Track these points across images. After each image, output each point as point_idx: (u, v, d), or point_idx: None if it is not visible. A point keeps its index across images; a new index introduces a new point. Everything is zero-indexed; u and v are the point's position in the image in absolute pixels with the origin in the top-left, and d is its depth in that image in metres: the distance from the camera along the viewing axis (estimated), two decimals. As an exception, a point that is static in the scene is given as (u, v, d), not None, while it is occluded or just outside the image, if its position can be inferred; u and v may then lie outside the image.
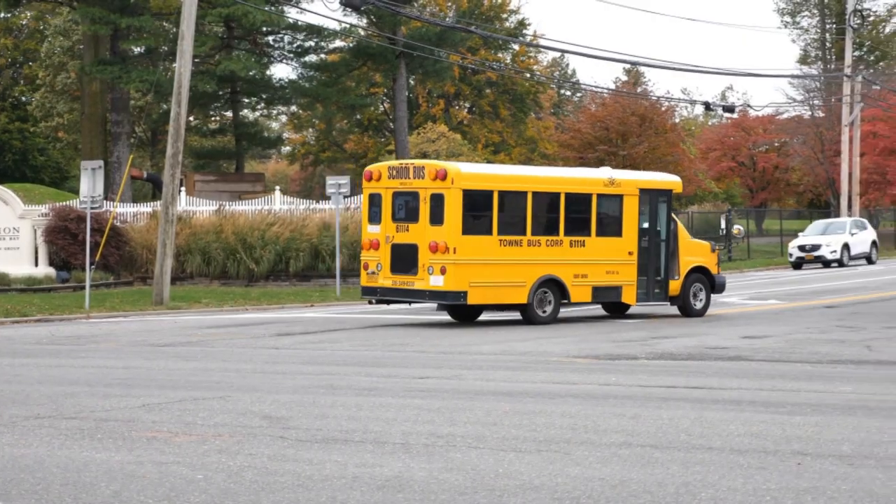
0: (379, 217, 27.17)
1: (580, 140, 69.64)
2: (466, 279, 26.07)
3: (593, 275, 27.82)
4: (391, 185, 27.01)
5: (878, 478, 10.34)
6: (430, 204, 26.19)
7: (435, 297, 26.54)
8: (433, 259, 26.03)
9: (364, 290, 27.79)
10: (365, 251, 27.59)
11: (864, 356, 20.85)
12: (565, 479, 10.39)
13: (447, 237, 25.95)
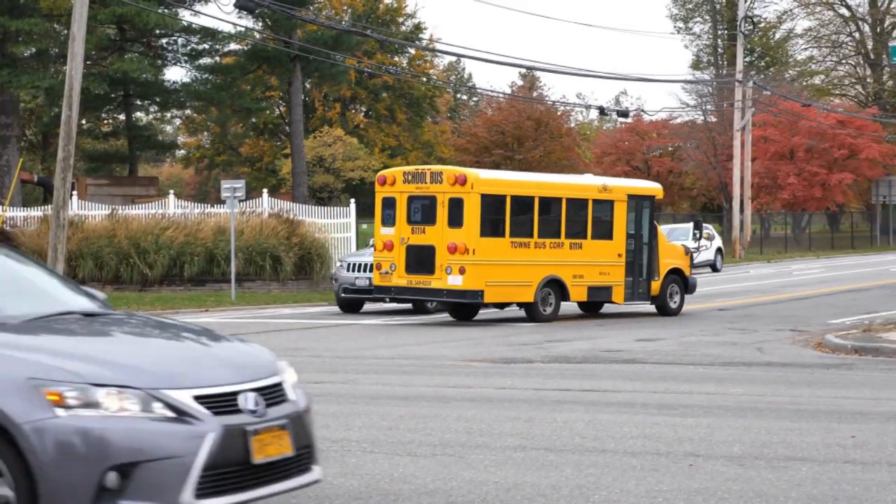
0: (393, 219, 28.47)
1: (476, 144, 69.93)
2: (483, 279, 27.48)
3: (588, 275, 29.46)
4: (406, 189, 28.34)
5: (768, 478, 10.47)
6: (448, 207, 27.55)
7: (453, 295, 27.85)
8: (451, 259, 27.38)
9: (377, 290, 29.17)
10: (378, 252, 28.85)
11: (756, 358, 21.12)
12: (460, 482, 10.39)
13: (466, 239, 27.35)
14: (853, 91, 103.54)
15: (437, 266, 27.63)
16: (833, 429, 12.94)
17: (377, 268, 28.76)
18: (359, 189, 75.13)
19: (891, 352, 21.60)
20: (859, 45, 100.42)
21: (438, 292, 28.06)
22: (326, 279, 38.69)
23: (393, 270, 28.33)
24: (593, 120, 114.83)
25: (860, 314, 30.32)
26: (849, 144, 76.83)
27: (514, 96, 74.59)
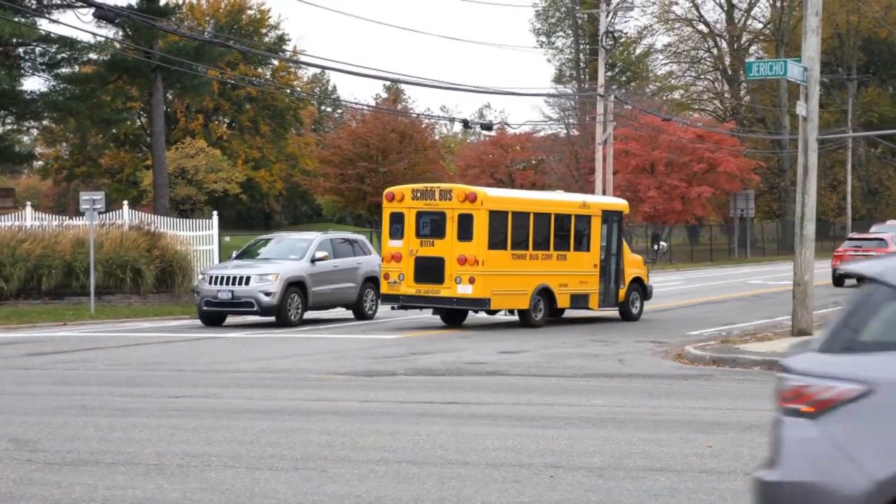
0: (401, 233, 30.52)
1: (340, 156, 69.79)
2: (490, 288, 29.67)
3: (571, 284, 31.75)
4: (415, 205, 30.38)
5: (627, 488, 10.58)
6: (457, 222, 29.71)
7: (462, 303, 30.06)
8: (461, 270, 29.55)
9: (385, 298, 31.28)
10: (386, 263, 30.83)
11: (616, 370, 21.36)
12: (322, 496, 10.33)
13: (476, 251, 29.55)
14: (712, 106, 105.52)
15: (446, 276, 29.77)
16: (691, 439, 13.13)
17: (385, 277, 30.76)
18: (221, 201, 74.55)
19: (748, 363, 22.02)
20: (717, 61, 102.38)
21: (448, 300, 30.06)
22: (188, 292, 38.25)
23: (401, 280, 30.33)
24: (457, 133, 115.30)
25: (718, 326, 30.86)
26: (707, 158, 78.16)
27: (378, 109, 74.60)
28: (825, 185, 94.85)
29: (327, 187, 72.72)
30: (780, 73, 26.89)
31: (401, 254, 30.46)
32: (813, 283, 27.15)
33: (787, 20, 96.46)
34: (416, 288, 30.24)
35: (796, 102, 27.34)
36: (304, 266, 31.95)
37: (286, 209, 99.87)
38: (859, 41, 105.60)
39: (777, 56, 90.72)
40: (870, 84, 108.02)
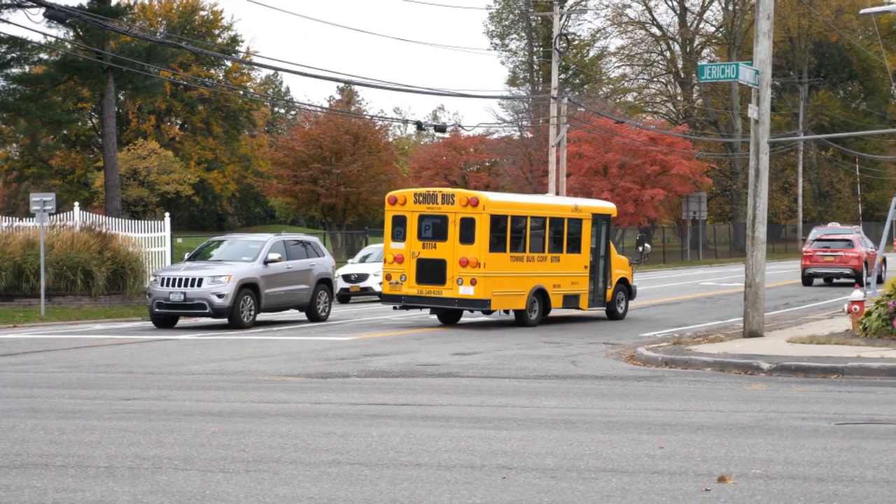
0: (403, 235, 31.33)
1: (294, 158, 69.62)
2: (491, 289, 30.61)
3: (564, 285, 32.80)
4: (417, 208, 31.24)
5: (579, 489, 10.60)
6: (459, 226, 30.65)
7: (464, 304, 30.88)
8: (463, 272, 30.48)
9: (386, 298, 31.95)
10: (388, 264, 31.58)
11: (569, 371, 21.41)
12: (274, 498, 10.29)
13: (477, 254, 30.48)
14: (664, 108, 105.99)
15: (448, 277, 30.70)
16: (643, 440, 13.17)
17: (387, 278, 31.56)
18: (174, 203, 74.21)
19: (700, 364, 22.12)
20: (670, 64, 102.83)
21: (450, 301, 30.88)
22: (140, 294, 38.06)
23: (403, 281, 31.16)
24: (411, 135, 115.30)
25: (671, 327, 31.00)
26: (660, 161, 78.48)
27: (331, 110, 74.48)
28: (777, 188, 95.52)
29: (280, 189, 72.53)
30: (732, 76, 27.02)
31: (403, 255, 31.32)
32: (764, 284, 27.31)
33: (739, 24, 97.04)
34: (417, 289, 31.08)
35: (748, 105, 27.50)
36: (257, 268, 31.86)
37: (239, 211, 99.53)
38: (810, 45, 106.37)
39: (729, 59, 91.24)
40: (821, 87, 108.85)
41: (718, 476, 11.08)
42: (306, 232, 58.76)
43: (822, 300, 41.52)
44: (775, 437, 13.36)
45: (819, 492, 10.51)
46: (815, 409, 16.10)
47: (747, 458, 12.03)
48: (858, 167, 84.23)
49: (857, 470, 11.46)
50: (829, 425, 14.40)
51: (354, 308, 40.49)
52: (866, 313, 25.72)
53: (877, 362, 20.80)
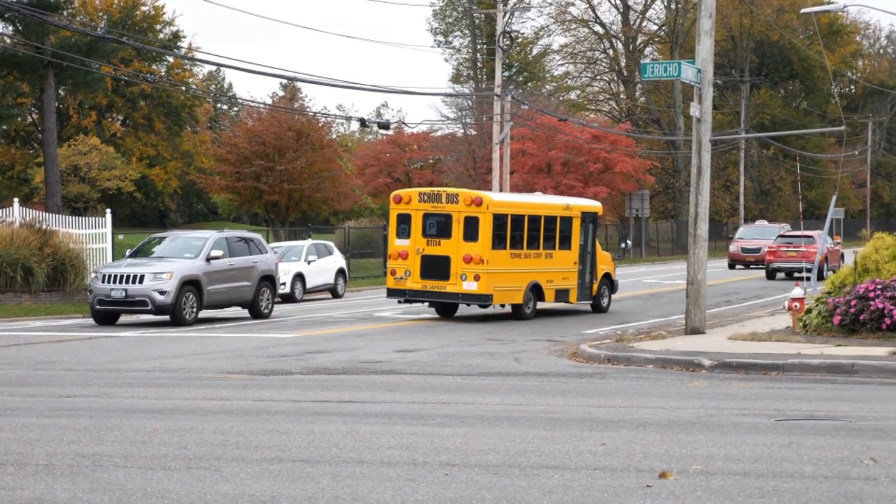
0: (407, 233, 32.58)
1: (237, 155, 69.27)
2: (493, 285, 32.00)
3: (556, 280, 34.18)
4: (422, 207, 32.51)
5: (521, 486, 10.61)
6: (463, 224, 31.93)
7: (467, 298, 32.27)
8: (467, 268, 31.79)
9: (391, 292, 33.09)
10: (392, 260, 32.89)
11: (512, 368, 21.44)
12: (215, 496, 10.24)
13: (481, 251, 31.80)
14: (607, 106, 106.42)
15: (452, 273, 31.98)
16: (585, 437, 13.21)
17: (391, 273, 32.86)
18: (115, 199, 73.70)
19: (642, 361, 22.22)
20: (613, 62, 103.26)
21: (454, 296, 32.26)
22: (81, 290, 37.78)
23: (407, 276, 32.46)
24: (355, 132, 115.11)
25: (613, 324, 31.14)
26: (603, 159, 78.77)
27: (275, 107, 74.20)
28: (718, 186, 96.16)
29: (223, 185, 72.16)
30: (675, 74, 27.17)
31: (407, 252, 32.54)
32: (706, 282, 27.47)
33: (682, 22, 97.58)
34: (422, 284, 32.32)
35: (690, 104, 27.65)
36: (199, 265, 31.71)
37: (181, 207, 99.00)
38: (752, 44, 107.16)
39: (671, 58, 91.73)
40: (762, 86, 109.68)
41: (660, 472, 11.14)
42: (249, 229, 58.55)
43: (763, 297, 41.85)
44: (716, 434, 13.44)
45: (759, 488, 10.58)
46: (756, 405, 16.22)
47: (688, 455, 12.10)
48: (799, 165, 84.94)
49: (796, 466, 11.55)
50: (770, 422, 14.51)
51: (298, 305, 40.38)
52: (806, 310, 25.94)
53: (817, 359, 20.98)
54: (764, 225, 68.78)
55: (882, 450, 12.34)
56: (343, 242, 62.49)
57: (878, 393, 17.92)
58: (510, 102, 62.08)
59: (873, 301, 23.88)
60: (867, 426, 14.09)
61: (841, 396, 17.36)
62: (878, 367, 20.25)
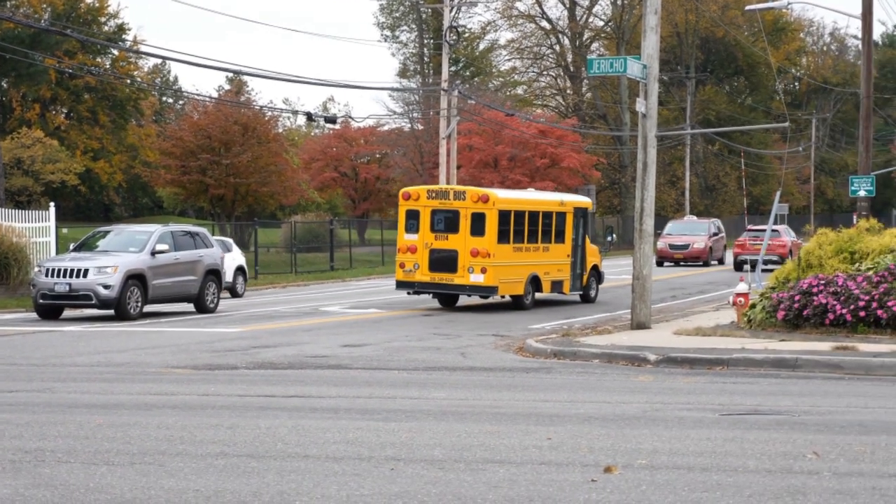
0: (416, 228, 34.11)
1: (182, 148, 68.91)
2: (498, 277, 33.70)
3: (552, 272, 36.01)
4: (430, 204, 34.07)
5: (467, 480, 10.62)
6: (470, 220, 33.56)
7: (474, 290, 33.92)
8: (474, 262, 33.44)
9: (400, 284, 34.63)
10: (402, 254, 34.40)
11: (459, 363, 21.46)
12: (159, 491, 10.19)
13: (487, 245, 33.46)
14: (554, 102, 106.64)
15: (459, 266, 33.58)
16: (531, 431, 13.23)
17: (400, 266, 34.31)
18: (59, 192, 73.13)
19: (588, 355, 22.29)
20: (560, 58, 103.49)
21: (461, 288, 33.91)
22: (24, 285, 37.42)
23: (416, 269, 33.93)
24: (301, 126, 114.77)
25: (560, 319, 31.22)
26: (550, 154, 78.91)
27: (221, 100, 73.87)
28: (664, 182, 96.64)
29: (168, 179, 71.75)
30: (621, 70, 27.26)
31: (416, 246, 34.07)
32: (651, 277, 27.59)
33: (628, 18, 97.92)
34: (430, 276, 33.90)
35: (636, 99, 27.75)
36: (144, 259, 31.51)
37: (126, 201, 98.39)
38: (697, 40, 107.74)
39: (618, 53, 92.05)
40: (707, 82, 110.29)
41: (605, 466, 11.18)
42: (195, 223, 58.20)
43: (708, 293, 42.10)
44: (661, 428, 13.50)
45: (703, 482, 10.64)
46: (701, 399, 16.31)
47: (633, 449, 12.15)
48: (744, 161, 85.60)
49: (740, 460, 11.62)
50: (714, 416, 14.60)
51: (246, 299, 40.24)
52: (751, 305, 26.11)
53: (761, 354, 21.12)
54: (693, 220, 68.88)
55: (825, 444, 12.45)
56: (289, 237, 62.31)
57: (821, 387, 18.07)
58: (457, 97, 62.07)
59: (817, 296, 24.07)
60: (810, 420, 14.21)
61: (785, 391, 17.50)
62: (821, 362, 20.41)
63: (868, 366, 20.02)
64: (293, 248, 59.46)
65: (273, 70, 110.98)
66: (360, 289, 47.16)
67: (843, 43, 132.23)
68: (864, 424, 13.85)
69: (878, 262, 24.82)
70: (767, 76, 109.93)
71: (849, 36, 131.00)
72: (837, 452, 12.00)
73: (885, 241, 26.21)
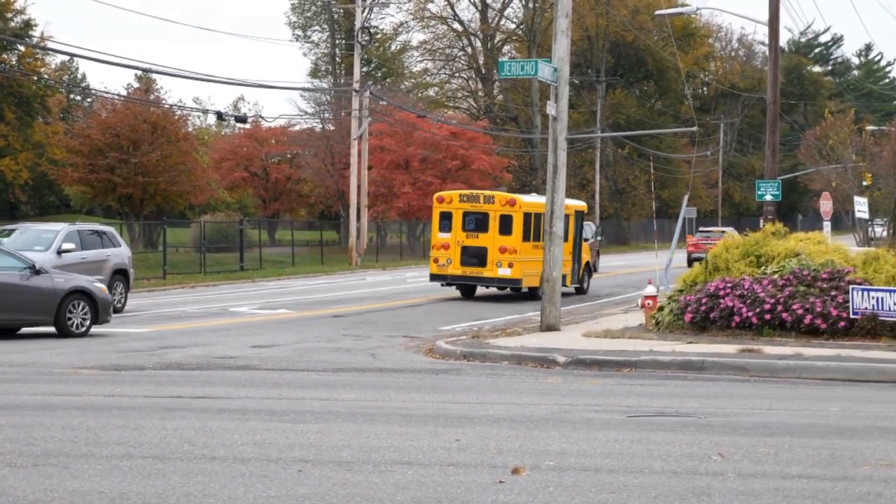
0: (449, 227, 38.89)
1: (90, 146, 68.16)
2: (522, 271, 38.19)
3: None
4: (462, 206, 38.94)
5: (375, 482, 10.60)
6: (499, 221, 38.30)
7: (502, 282, 38.62)
8: (502, 257, 38.08)
9: (433, 277, 39.38)
10: (435, 250, 39.12)
11: (368, 364, 21.42)
12: (62, 493, 10.05)
13: (514, 243, 38.26)
14: (466, 104, 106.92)
15: (489, 262, 38.09)
16: (440, 433, 13.23)
17: (434, 261, 39.00)
18: (-36, 190, 71.98)
19: (497, 357, 22.35)
20: (471, 60, 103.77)
21: (490, 280, 38.47)
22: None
23: (449, 264, 38.58)
24: (211, 125, 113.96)
25: (470, 321, 31.28)
26: (461, 156, 79.08)
27: (129, 98, 73.13)
28: (574, 184, 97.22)
29: (76, 177, 70.90)
30: (531, 72, 27.37)
31: (449, 243, 38.71)
32: (561, 279, 27.72)
33: (539, 21, 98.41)
34: (462, 270, 38.42)
35: (547, 102, 27.88)
36: (49, 258, 31.09)
37: (32, 199, 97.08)
38: (608, 44, 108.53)
39: (529, 56, 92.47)
40: (618, 86, 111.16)
41: (512, 468, 11.20)
42: (102, 222, 57.57)
43: (617, 295, 42.42)
44: (569, 430, 13.56)
45: (610, 483, 10.71)
46: (608, 401, 16.41)
47: (541, 451, 12.19)
48: (653, 165, 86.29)
49: (646, 461, 11.71)
50: (621, 418, 14.69)
51: (153, 299, 39.89)
52: (659, 308, 26.34)
53: (668, 356, 21.31)
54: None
55: (729, 445, 12.57)
56: (199, 237, 61.82)
57: (726, 389, 18.26)
58: (369, 98, 61.97)
59: (723, 299, 24.34)
60: (716, 422, 14.34)
61: (691, 393, 17.66)
62: (727, 364, 20.63)
63: (773, 368, 20.27)
64: (202, 248, 59.01)
65: (183, 68, 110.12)
66: (270, 289, 46.92)
67: (750, 49, 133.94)
68: (769, 426, 14.02)
69: (784, 265, 25.14)
70: (676, 81, 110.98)
71: (756, 42, 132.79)
72: (742, 454, 12.13)
73: (790, 245, 26.57)
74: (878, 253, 25.67)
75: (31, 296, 25.60)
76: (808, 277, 24.18)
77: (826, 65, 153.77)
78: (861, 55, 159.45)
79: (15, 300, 25.42)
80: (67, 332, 25.89)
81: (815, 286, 23.95)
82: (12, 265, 25.81)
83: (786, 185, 49.42)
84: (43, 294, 25.70)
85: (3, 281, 25.29)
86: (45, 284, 25.79)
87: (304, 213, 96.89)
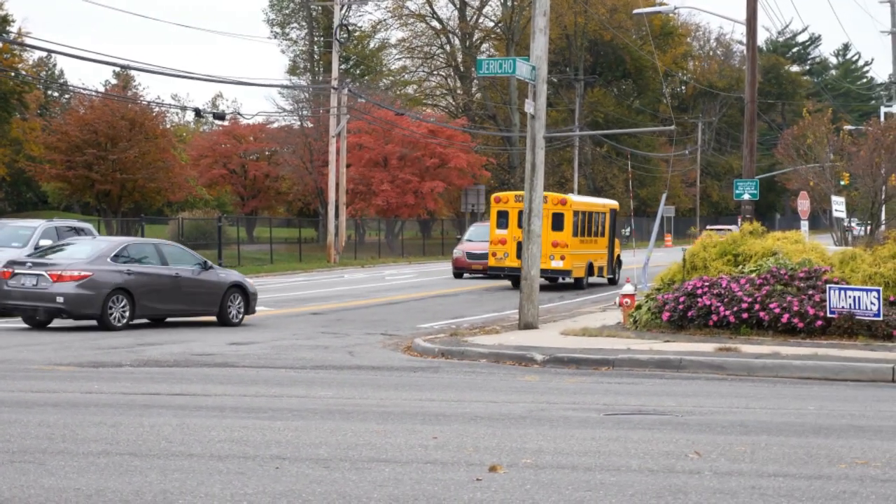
0: (505, 225, 43.36)
1: (68, 143, 68.00)
2: (572, 263, 42.99)
3: (598, 260, 45.88)
4: (517, 205, 41.70)
5: (352, 479, 10.59)
6: (551, 218, 41.99)
7: (556, 273, 43.19)
8: (554, 251, 42.47)
9: (492, 269, 44.10)
10: (493, 245, 43.64)
11: (346, 361, 21.42)
12: (39, 490, 10.03)
13: (565, 238, 42.77)
14: (444, 102, 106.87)
15: (543, 255, 39.37)
16: (417, 430, 13.24)
17: (493, 255, 43.57)
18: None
19: (475, 355, 22.36)
20: (450, 58, 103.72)
21: (544, 271, 41.10)
22: None
23: (506, 257, 42.95)
24: (189, 122, 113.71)
25: (448, 319, 31.29)
26: (440, 153, 79.08)
27: (107, 95, 72.96)
28: (553, 183, 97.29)
29: (54, 174, 70.74)
30: (510, 70, 27.37)
31: (506, 239, 43.14)
32: (538, 277, 27.75)
33: (518, 20, 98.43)
34: (518, 263, 38.59)
35: (525, 101, 27.90)
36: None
37: (10, 196, 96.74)
38: (586, 43, 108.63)
39: (507, 54, 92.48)
40: (596, 85, 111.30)
41: (490, 465, 11.21)
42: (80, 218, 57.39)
43: (594, 293, 42.49)
44: (546, 428, 13.58)
45: (587, 481, 10.72)
46: (586, 399, 16.44)
47: (519, 448, 12.20)
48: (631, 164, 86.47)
49: (623, 459, 11.73)
50: (599, 416, 14.72)
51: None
52: (637, 307, 26.38)
53: (646, 354, 21.35)
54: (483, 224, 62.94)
55: (706, 444, 12.61)
56: (177, 234, 61.66)
57: (703, 388, 18.31)
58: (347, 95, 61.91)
59: (701, 298, 24.39)
60: (693, 421, 14.38)
61: (668, 391, 17.70)
62: (704, 363, 20.69)
63: (750, 367, 20.33)
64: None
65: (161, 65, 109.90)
66: (248, 287, 46.75)
67: (728, 48, 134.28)
68: (746, 424, 14.06)
69: (761, 264, 25.21)
70: (654, 80, 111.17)
71: (734, 41, 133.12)
72: (719, 452, 12.16)
73: (767, 244, 26.64)
74: (855, 252, 25.75)
75: (205, 289, 28.47)
76: (785, 276, 24.26)
77: (804, 64, 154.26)
78: (839, 55, 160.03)
79: (193, 293, 28.28)
80: (228, 322, 28.67)
81: (793, 285, 24.03)
82: (189, 261, 28.66)
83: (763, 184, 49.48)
84: (210, 288, 28.56)
85: (185, 276, 28.12)
86: (213, 279, 28.69)
87: (283, 211, 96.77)
